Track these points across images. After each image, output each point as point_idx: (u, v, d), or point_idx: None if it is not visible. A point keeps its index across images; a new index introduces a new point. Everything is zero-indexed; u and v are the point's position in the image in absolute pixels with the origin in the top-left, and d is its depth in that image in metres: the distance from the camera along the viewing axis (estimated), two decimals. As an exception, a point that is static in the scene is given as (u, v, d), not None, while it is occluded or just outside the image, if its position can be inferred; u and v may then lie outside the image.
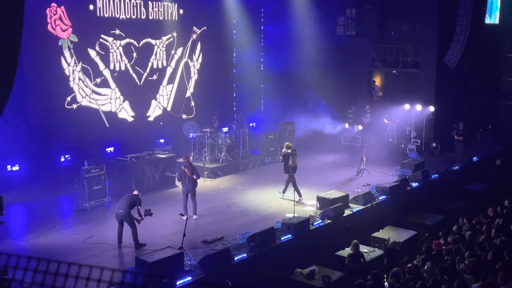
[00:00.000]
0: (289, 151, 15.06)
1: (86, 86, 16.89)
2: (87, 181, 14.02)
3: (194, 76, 20.41)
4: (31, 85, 15.37)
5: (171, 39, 19.30)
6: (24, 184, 14.96)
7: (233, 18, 21.59)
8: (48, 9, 15.60)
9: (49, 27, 15.70)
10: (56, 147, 16.09)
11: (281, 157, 15.43)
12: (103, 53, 17.14)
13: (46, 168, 15.70)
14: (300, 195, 14.88)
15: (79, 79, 16.67)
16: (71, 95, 16.51)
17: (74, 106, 16.61)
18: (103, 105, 17.43)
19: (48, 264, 3.54)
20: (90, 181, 14.09)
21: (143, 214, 11.66)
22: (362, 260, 11.85)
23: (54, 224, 12.94)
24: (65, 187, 14.86)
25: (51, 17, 15.71)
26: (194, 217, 13.50)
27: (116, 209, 11.77)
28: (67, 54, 16.25)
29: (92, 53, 16.90)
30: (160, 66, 19.05)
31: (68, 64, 16.34)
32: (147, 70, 18.64)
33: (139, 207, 11.70)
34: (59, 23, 15.90)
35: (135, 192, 12.03)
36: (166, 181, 16.33)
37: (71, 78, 16.46)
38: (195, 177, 13.58)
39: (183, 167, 13.70)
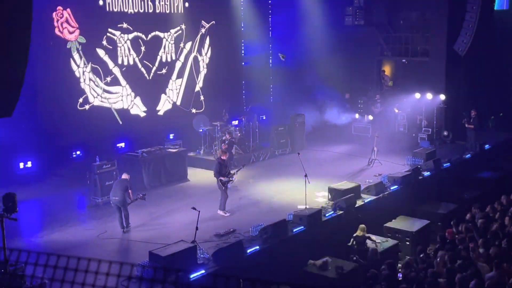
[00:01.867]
0: (234, 140, 16.18)
1: (97, 86, 16.96)
2: (99, 177, 14.08)
3: (203, 71, 20.39)
4: (43, 88, 15.45)
5: (180, 31, 19.30)
6: (36, 181, 15.14)
7: (240, 11, 21.52)
8: (54, 13, 15.64)
9: (56, 30, 15.75)
10: (68, 144, 16.19)
11: (224, 144, 16.20)
12: (111, 47, 17.18)
13: (58, 165, 15.83)
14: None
15: (90, 79, 16.74)
16: (83, 96, 16.62)
17: (87, 107, 16.72)
18: (114, 103, 17.51)
19: (68, 260, 3.57)
20: (102, 176, 14.14)
21: (137, 198, 12.13)
22: (367, 243, 11.84)
23: (68, 220, 13.04)
24: (77, 183, 14.96)
25: (57, 20, 15.75)
26: (218, 211, 13.41)
27: (112, 197, 12.17)
28: (76, 56, 16.31)
29: (100, 52, 16.96)
30: (169, 60, 19.07)
31: (78, 66, 16.41)
32: (156, 64, 18.66)
33: (130, 190, 12.08)
34: (66, 26, 15.94)
35: (124, 176, 12.32)
36: (177, 175, 16.38)
37: (81, 80, 16.55)
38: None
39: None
